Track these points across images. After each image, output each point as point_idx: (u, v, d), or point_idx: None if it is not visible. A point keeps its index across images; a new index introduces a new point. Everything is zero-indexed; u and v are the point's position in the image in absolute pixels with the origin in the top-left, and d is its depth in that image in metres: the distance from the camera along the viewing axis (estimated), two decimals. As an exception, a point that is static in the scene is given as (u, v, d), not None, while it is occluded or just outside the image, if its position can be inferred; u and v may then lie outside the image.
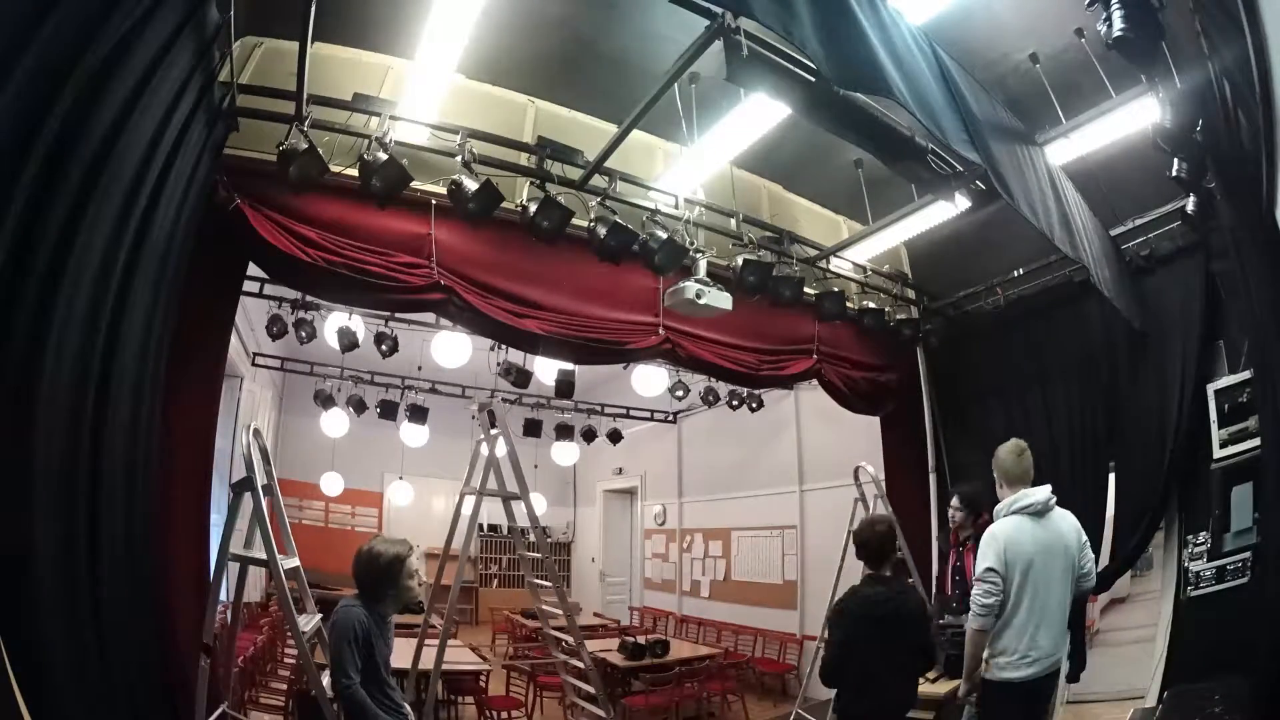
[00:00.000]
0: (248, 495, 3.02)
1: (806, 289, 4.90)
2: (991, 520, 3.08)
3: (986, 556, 2.89)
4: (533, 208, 3.77)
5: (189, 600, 3.22)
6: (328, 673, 2.99)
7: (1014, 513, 2.95)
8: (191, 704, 2.95)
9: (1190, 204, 3.99)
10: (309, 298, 5.56)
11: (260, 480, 3.02)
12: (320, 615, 3.40)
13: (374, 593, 2.67)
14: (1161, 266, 4.67)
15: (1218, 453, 4.15)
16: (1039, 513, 2.93)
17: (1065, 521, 2.99)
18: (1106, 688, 4.75)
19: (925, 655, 2.99)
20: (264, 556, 2.98)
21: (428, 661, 4.51)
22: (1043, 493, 2.98)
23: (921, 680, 3.82)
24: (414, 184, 3.61)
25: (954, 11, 3.45)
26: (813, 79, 2.80)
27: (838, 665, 2.90)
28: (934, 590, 5.62)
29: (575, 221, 3.87)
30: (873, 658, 2.83)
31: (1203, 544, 4.16)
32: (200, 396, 3.54)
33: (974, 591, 2.90)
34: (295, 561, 3.28)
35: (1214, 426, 4.21)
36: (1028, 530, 2.90)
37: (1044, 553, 2.87)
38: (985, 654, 2.95)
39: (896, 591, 2.92)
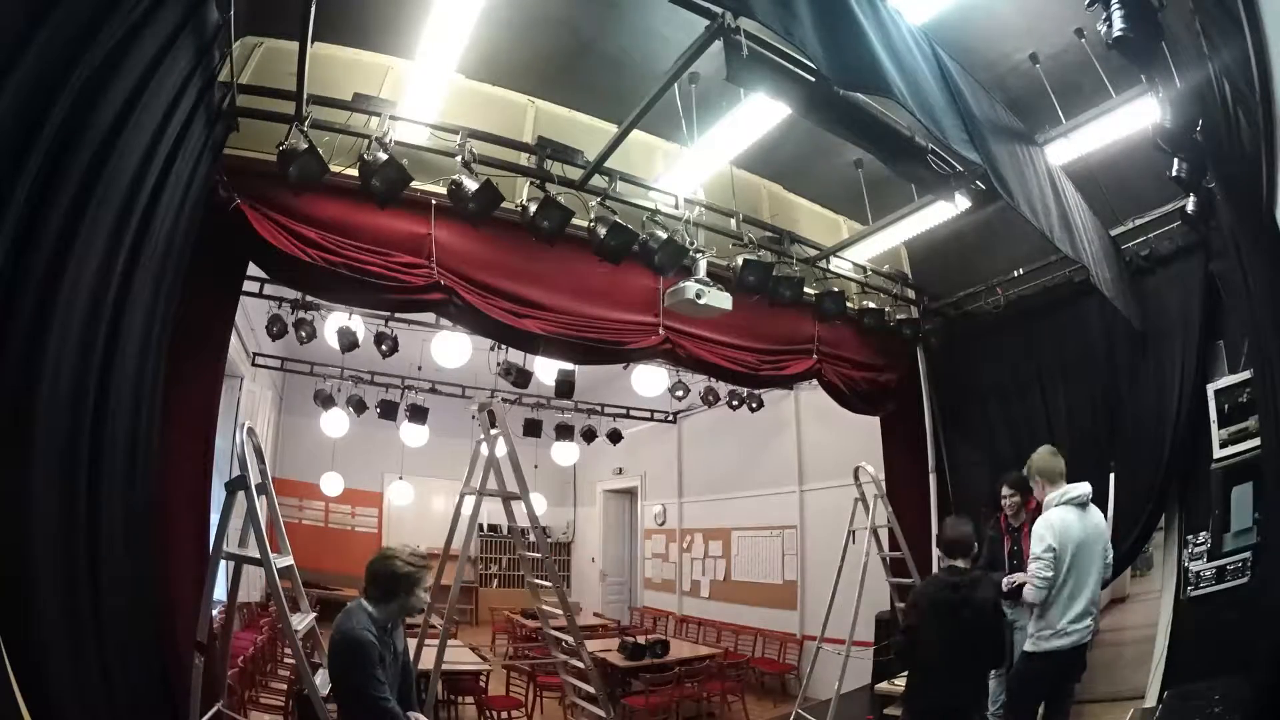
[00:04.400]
0: (242, 494, 3.02)
1: (806, 289, 4.91)
2: (1039, 504, 3.51)
3: (1045, 537, 3.27)
4: (533, 208, 3.77)
5: (189, 600, 3.21)
6: (321, 672, 2.99)
7: (1064, 503, 3.37)
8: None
9: (1190, 204, 3.98)
10: (309, 298, 5.56)
11: (254, 479, 3.01)
12: (315, 615, 3.40)
13: (383, 598, 2.64)
14: (1161, 266, 4.67)
15: (1218, 453, 4.14)
16: (1082, 504, 3.37)
17: (1097, 514, 3.47)
18: (1106, 688, 4.74)
19: (992, 650, 3.12)
20: (258, 555, 2.97)
21: (428, 661, 4.51)
22: (1085, 486, 3.44)
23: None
24: (414, 184, 3.61)
25: (954, 11, 3.45)
26: (813, 79, 2.80)
27: (906, 651, 3.14)
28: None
29: (575, 221, 3.87)
30: (937, 648, 2.93)
31: (1203, 544, 4.16)
32: (200, 396, 3.54)
33: (1033, 567, 3.27)
34: (289, 560, 3.28)
35: (1214, 426, 4.20)
36: (1074, 518, 3.32)
37: (1086, 539, 3.30)
38: (1030, 628, 3.34)
39: (969, 581, 3.02)
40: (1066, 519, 3.31)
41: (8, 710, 1.55)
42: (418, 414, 7.91)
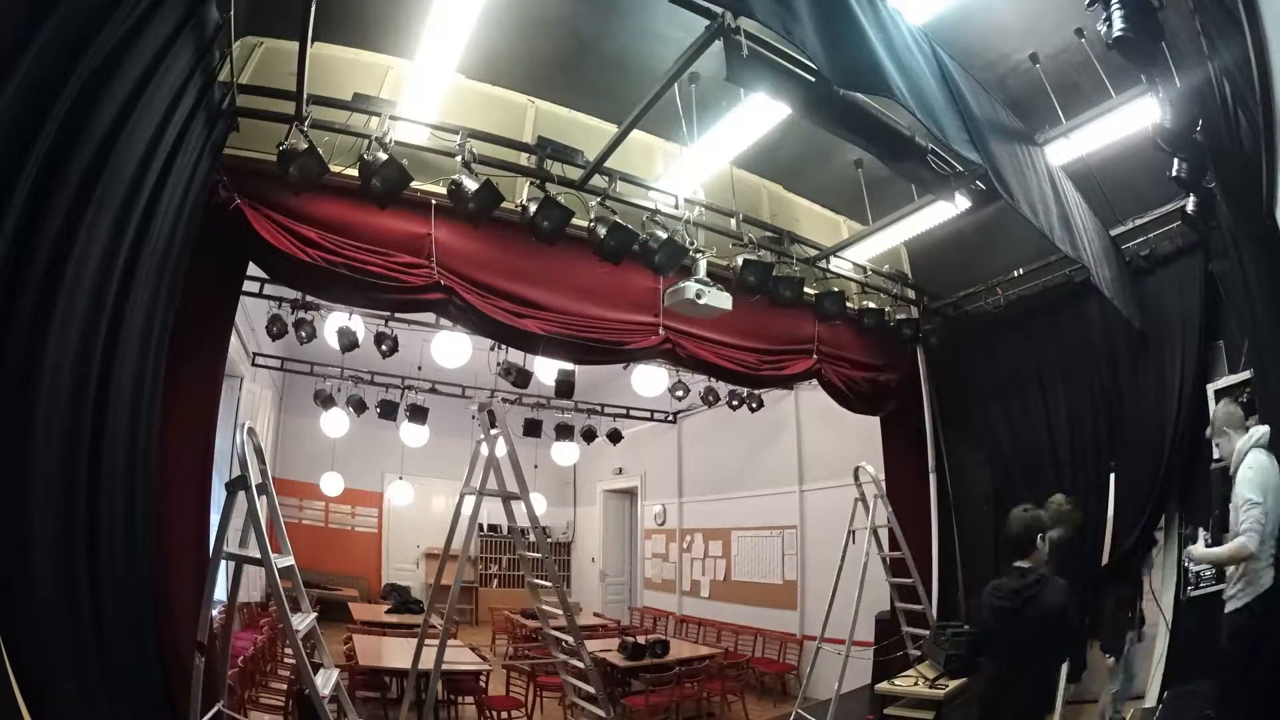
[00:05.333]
0: (242, 494, 3.02)
1: (806, 289, 4.91)
2: None
3: (1256, 481, 3.02)
4: (533, 208, 3.77)
5: (189, 600, 3.21)
6: (322, 672, 2.99)
7: (1257, 446, 3.12)
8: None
9: (1190, 204, 3.98)
10: (309, 298, 5.56)
11: (254, 479, 3.01)
12: (316, 614, 3.39)
13: None
14: (1161, 266, 4.67)
15: (1218, 453, 4.14)
16: (1265, 446, 3.12)
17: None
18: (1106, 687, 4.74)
19: (1058, 658, 2.85)
20: (259, 555, 2.97)
21: (428, 661, 4.51)
22: (1266, 428, 3.19)
23: (922, 682, 3.81)
24: (414, 184, 3.61)
25: (954, 11, 3.45)
26: (813, 79, 2.80)
27: (969, 655, 3.07)
28: (935, 592, 5.62)
29: (575, 221, 3.87)
30: (1001, 652, 2.81)
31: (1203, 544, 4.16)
32: (200, 396, 3.54)
33: (1253, 513, 2.97)
34: (290, 560, 3.28)
35: (1214, 426, 4.20)
36: (1270, 462, 3.07)
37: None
38: (1238, 580, 3.06)
39: (1032, 582, 2.76)
40: (1264, 462, 3.10)
41: (8, 710, 1.55)
42: (418, 414, 7.91)
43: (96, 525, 2.28)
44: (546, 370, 6.62)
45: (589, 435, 9.41)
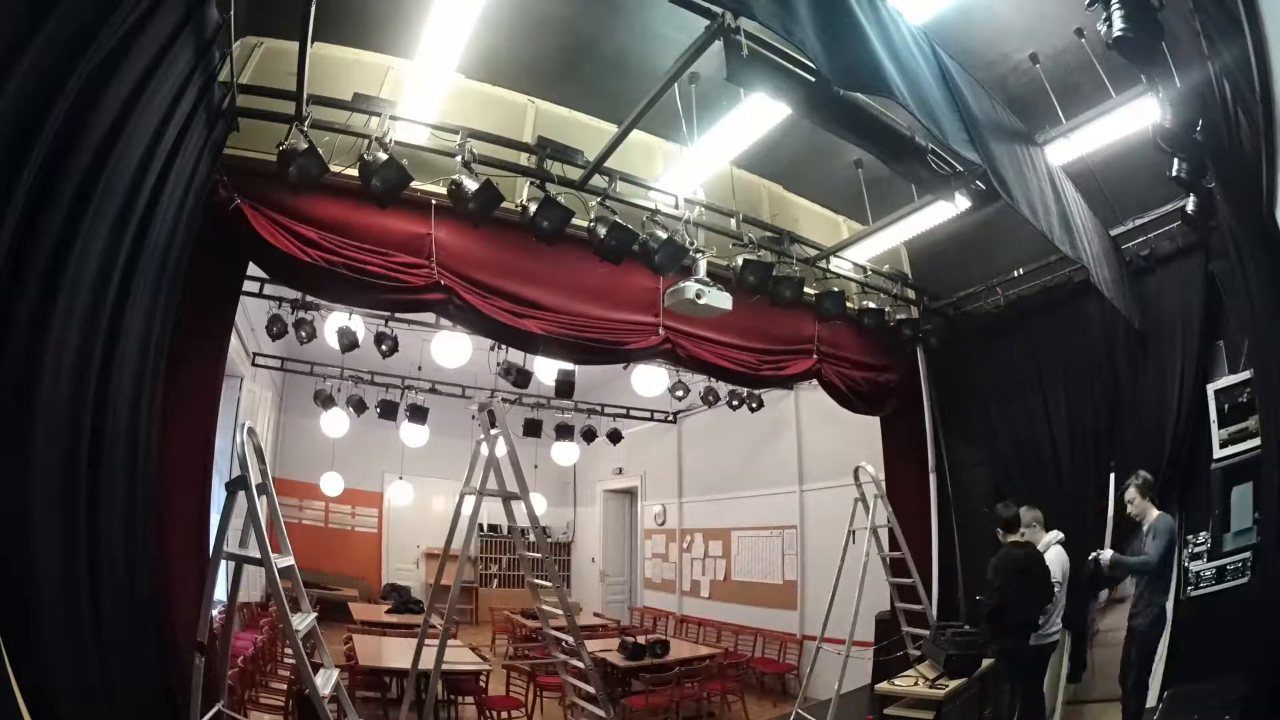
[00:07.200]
0: (242, 494, 3.01)
1: (806, 289, 4.90)
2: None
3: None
4: (533, 208, 3.77)
5: (189, 600, 3.22)
6: (322, 672, 2.99)
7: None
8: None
9: (1190, 204, 3.99)
10: (309, 298, 5.56)
11: (254, 479, 3.00)
12: (315, 614, 3.39)
13: None
14: (1161, 266, 4.67)
15: (1218, 453, 4.15)
16: None
17: None
18: (1107, 688, 4.74)
19: (1047, 594, 4.12)
20: (259, 555, 2.97)
21: (428, 661, 4.51)
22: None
23: (922, 682, 3.83)
24: (414, 184, 3.61)
25: (954, 11, 3.45)
26: (813, 79, 2.80)
27: (996, 611, 4.00)
28: (935, 592, 5.62)
29: (575, 221, 3.87)
30: (1015, 592, 3.96)
31: (1203, 544, 4.16)
32: (200, 396, 3.54)
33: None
34: (290, 560, 3.28)
35: (1214, 426, 4.20)
36: None
37: None
38: None
39: (1032, 549, 4.16)
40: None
41: (8, 710, 1.55)
42: (418, 414, 7.91)
43: (96, 525, 2.28)
44: (546, 370, 6.61)
45: (589, 435, 9.41)
